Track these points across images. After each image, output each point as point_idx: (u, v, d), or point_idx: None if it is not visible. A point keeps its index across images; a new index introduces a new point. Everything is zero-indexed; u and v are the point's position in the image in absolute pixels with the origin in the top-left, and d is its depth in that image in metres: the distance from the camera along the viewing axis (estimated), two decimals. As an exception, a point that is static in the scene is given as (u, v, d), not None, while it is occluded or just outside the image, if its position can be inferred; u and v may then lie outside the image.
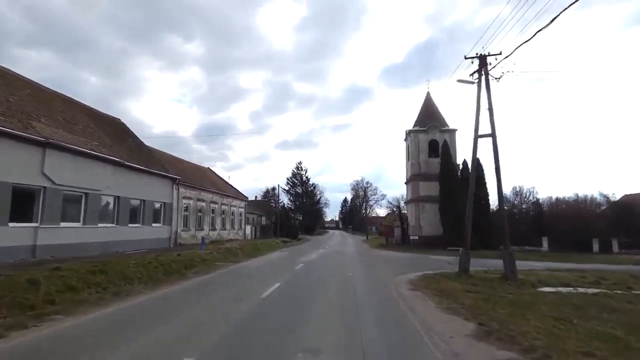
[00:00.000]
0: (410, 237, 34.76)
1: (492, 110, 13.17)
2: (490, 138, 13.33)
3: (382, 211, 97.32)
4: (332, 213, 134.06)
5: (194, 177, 29.38)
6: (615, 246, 31.76)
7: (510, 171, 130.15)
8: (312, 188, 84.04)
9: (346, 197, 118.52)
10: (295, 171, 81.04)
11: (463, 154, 62.04)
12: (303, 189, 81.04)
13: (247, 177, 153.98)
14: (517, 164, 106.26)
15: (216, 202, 31.64)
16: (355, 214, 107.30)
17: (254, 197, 67.50)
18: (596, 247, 31.88)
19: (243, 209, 40.11)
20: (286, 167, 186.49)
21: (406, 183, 39.55)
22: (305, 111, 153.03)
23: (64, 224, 14.46)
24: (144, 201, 20.03)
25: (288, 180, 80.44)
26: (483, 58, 13.32)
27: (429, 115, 36.36)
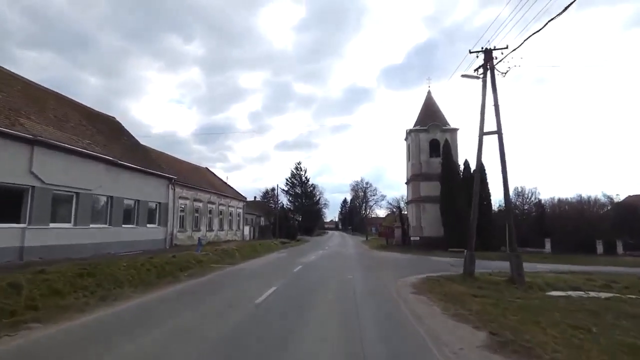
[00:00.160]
0: (411, 238, 34.25)
1: (498, 106, 12.69)
2: (495, 135, 12.86)
3: (381, 212, 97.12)
4: (331, 214, 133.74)
5: (191, 177, 28.87)
6: (620, 248, 31.31)
7: (512, 172, 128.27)
8: (311, 189, 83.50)
9: (346, 198, 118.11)
10: (295, 171, 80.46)
11: (464, 153, 61.64)
12: (302, 190, 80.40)
13: (246, 178, 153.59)
14: (519, 164, 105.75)
15: (214, 203, 31.12)
16: (354, 214, 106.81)
17: (253, 198, 67.24)
18: (600, 248, 31.43)
19: (241, 210, 39.58)
20: (286, 168, 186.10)
21: (407, 183, 39.05)
22: (305, 112, 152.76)
23: (54, 225, 13.95)
24: (138, 201, 19.52)
25: (287, 180, 79.89)
26: (489, 52, 12.85)
27: (430, 115, 35.86)
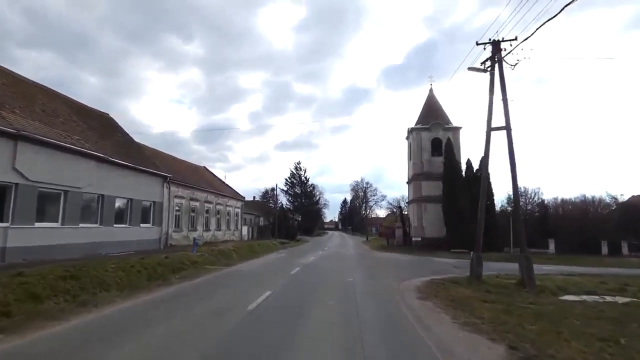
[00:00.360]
0: (412, 238, 33.58)
1: (507, 101, 12.04)
2: (504, 131, 12.22)
3: (381, 212, 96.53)
4: (331, 214, 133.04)
5: (187, 175, 28.20)
6: (625, 249, 30.75)
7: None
8: (311, 188, 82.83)
9: (346, 198, 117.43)
10: (294, 171, 79.75)
11: (467, 153, 61.10)
12: (302, 189, 79.70)
13: (246, 178, 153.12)
14: (522, 164, 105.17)
15: (211, 202, 30.45)
16: (354, 214, 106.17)
17: (252, 198, 66.60)
18: (605, 249, 30.86)
19: (239, 209, 38.91)
20: (286, 168, 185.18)
21: (408, 183, 38.41)
22: (305, 112, 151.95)
23: (39, 224, 13.28)
24: (131, 200, 18.85)
25: (287, 180, 79.21)
26: (496, 44, 12.19)
27: (432, 113, 35.20)
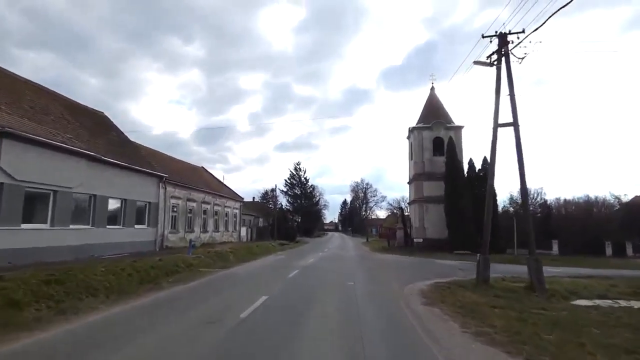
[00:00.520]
0: (414, 239, 33.02)
1: (514, 96, 11.52)
2: (511, 128, 11.69)
3: (382, 213, 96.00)
4: (331, 215, 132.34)
5: (184, 175, 27.65)
6: (630, 249, 30.24)
7: (516, 171, 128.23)
8: (311, 189, 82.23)
9: (345, 199, 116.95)
10: (294, 172, 79.17)
11: (469, 152, 60.53)
12: (302, 190, 79.13)
13: (246, 179, 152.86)
14: (524, 164, 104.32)
15: (208, 203, 29.90)
16: (354, 215, 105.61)
17: (252, 199, 66.07)
18: (609, 250, 30.35)
19: (238, 210, 38.35)
20: (285, 169, 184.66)
21: (409, 183, 37.87)
22: (305, 113, 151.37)
23: (27, 226, 12.73)
24: (125, 200, 18.31)
25: (286, 181, 78.65)
26: (503, 36, 11.67)
27: (433, 112, 34.66)
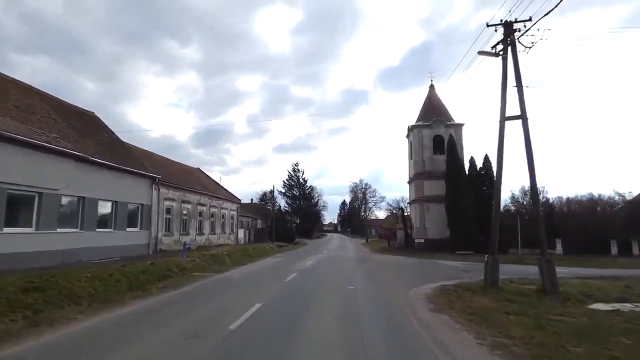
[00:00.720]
0: (415, 240, 32.37)
1: (522, 87, 10.91)
2: (518, 121, 11.08)
3: (381, 213, 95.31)
4: (330, 216, 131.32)
5: (179, 177, 26.98)
6: (636, 248, 29.63)
7: (518, 170, 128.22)
8: (309, 190, 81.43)
9: (345, 200, 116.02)
10: (292, 173, 78.39)
11: (469, 150, 59.80)
12: (300, 191, 78.37)
13: (244, 181, 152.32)
14: (525, 162, 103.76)
15: (204, 204, 29.21)
16: (354, 216, 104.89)
17: (250, 201, 65.41)
18: (615, 249, 29.74)
19: (235, 212, 37.67)
20: (283, 170, 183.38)
21: (409, 182, 37.25)
22: (303, 114, 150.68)
23: (9, 230, 12.04)
24: (116, 202, 17.62)
25: (285, 182, 77.83)
26: (509, 25, 11.07)
27: (433, 110, 34.06)
